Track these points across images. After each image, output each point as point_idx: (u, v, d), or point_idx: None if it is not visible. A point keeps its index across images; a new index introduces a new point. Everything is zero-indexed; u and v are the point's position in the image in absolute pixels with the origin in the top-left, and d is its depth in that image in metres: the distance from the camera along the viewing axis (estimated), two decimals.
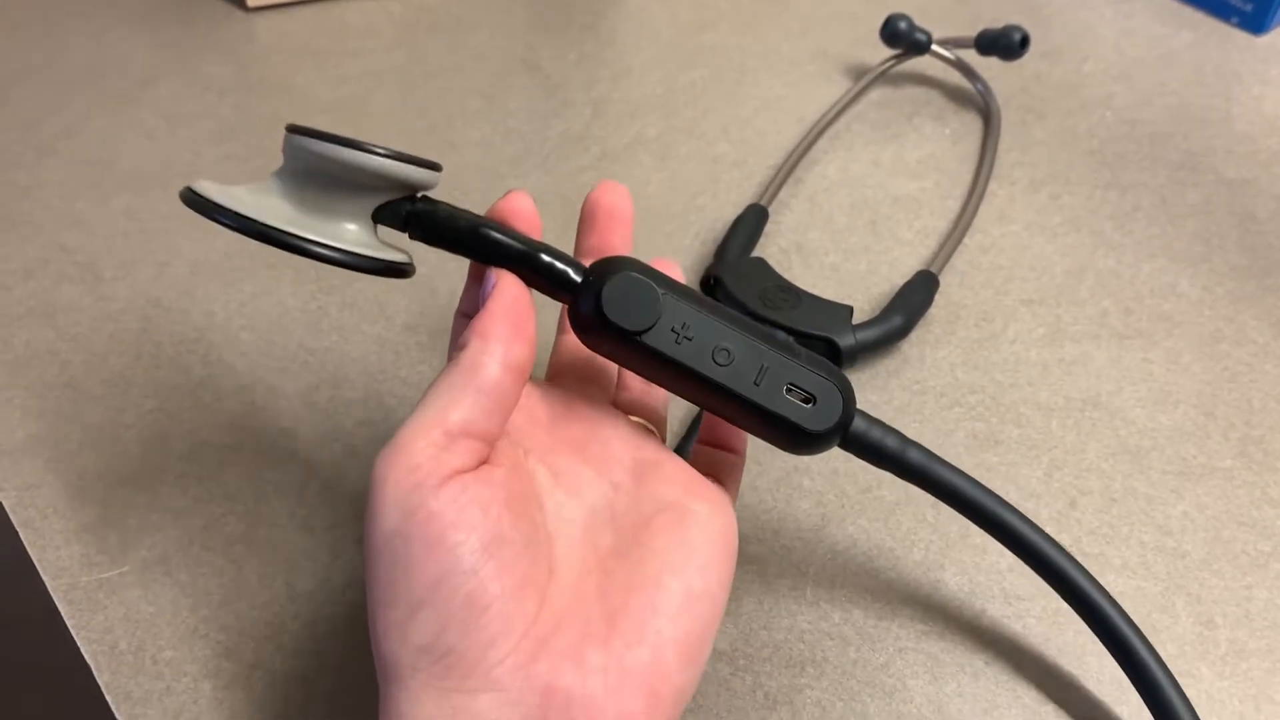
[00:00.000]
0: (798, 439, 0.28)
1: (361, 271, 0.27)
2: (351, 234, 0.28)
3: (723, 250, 0.47)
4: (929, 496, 0.39)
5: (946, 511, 0.38)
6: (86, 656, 0.34)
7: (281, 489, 0.39)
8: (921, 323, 0.45)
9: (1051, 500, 0.39)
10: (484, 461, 0.26)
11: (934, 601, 0.36)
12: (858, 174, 0.54)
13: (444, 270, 0.46)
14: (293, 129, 0.27)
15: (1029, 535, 0.31)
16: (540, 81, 0.59)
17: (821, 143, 0.55)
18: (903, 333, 0.44)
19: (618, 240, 0.32)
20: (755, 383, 0.28)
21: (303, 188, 0.28)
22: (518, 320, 0.27)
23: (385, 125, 0.56)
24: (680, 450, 0.40)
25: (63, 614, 0.35)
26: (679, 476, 0.29)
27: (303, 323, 0.45)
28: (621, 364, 0.29)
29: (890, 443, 0.30)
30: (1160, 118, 0.58)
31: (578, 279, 0.28)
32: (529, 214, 0.29)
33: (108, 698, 0.33)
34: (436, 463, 0.24)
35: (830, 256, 0.49)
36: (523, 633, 0.24)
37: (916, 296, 0.45)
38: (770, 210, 0.50)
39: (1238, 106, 0.59)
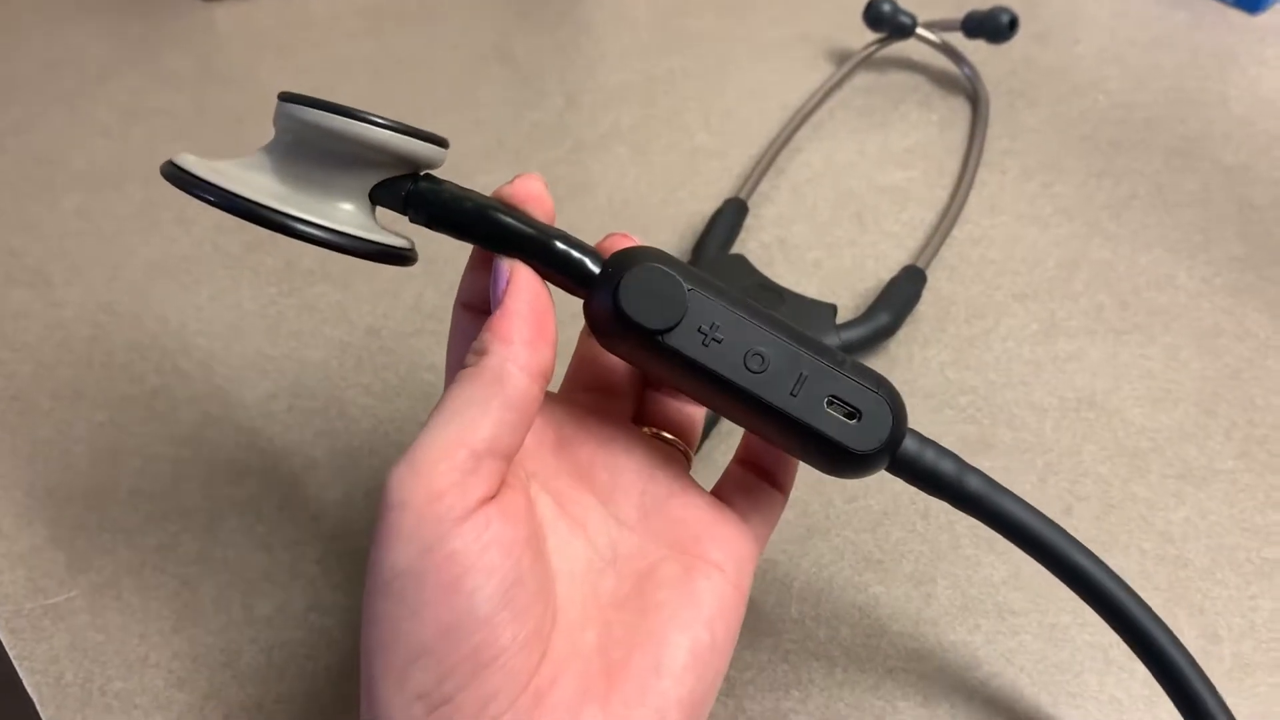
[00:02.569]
0: (839, 460, 0.25)
1: (355, 255, 0.25)
2: (346, 214, 0.25)
3: (700, 247, 0.45)
4: (917, 506, 0.37)
5: (937, 522, 0.37)
6: (29, 689, 0.33)
7: (238, 505, 0.37)
8: (909, 320, 0.43)
9: (1046, 507, 0.36)
10: (504, 484, 0.23)
11: (925, 617, 0.34)
12: (842, 164, 0.52)
13: (409, 271, 0.44)
14: (285, 96, 0.25)
15: (1101, 580, 0.28)
16: (512, 71, 0.57)
17: (804, 131, 0.53)
18: (890, 331, 0.42)
19: None
20: (792, 393, 0.24)
21: (295, 162, 0.25)
22: (540, 320, 0.24)
23: None
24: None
25: (4, 644, 0.34)
26: (691, 515, 0.26)
27: (261, 327, 0.43)
28: (643, 369, 0.26)
29: (946, 468, 0.26)
30: (1155, 101, 0.56)
31: (595, 271, 0.25)
32: (541, 198, 0.26)
33: None
34: (461, 490, 0.22)
35: (814, 251, 0.47)
36: (523, 687, 0.22)
37: (904, 293, 0.43)
38: (751, 203, 0.48)
39: (1234, 89, 0.57)
